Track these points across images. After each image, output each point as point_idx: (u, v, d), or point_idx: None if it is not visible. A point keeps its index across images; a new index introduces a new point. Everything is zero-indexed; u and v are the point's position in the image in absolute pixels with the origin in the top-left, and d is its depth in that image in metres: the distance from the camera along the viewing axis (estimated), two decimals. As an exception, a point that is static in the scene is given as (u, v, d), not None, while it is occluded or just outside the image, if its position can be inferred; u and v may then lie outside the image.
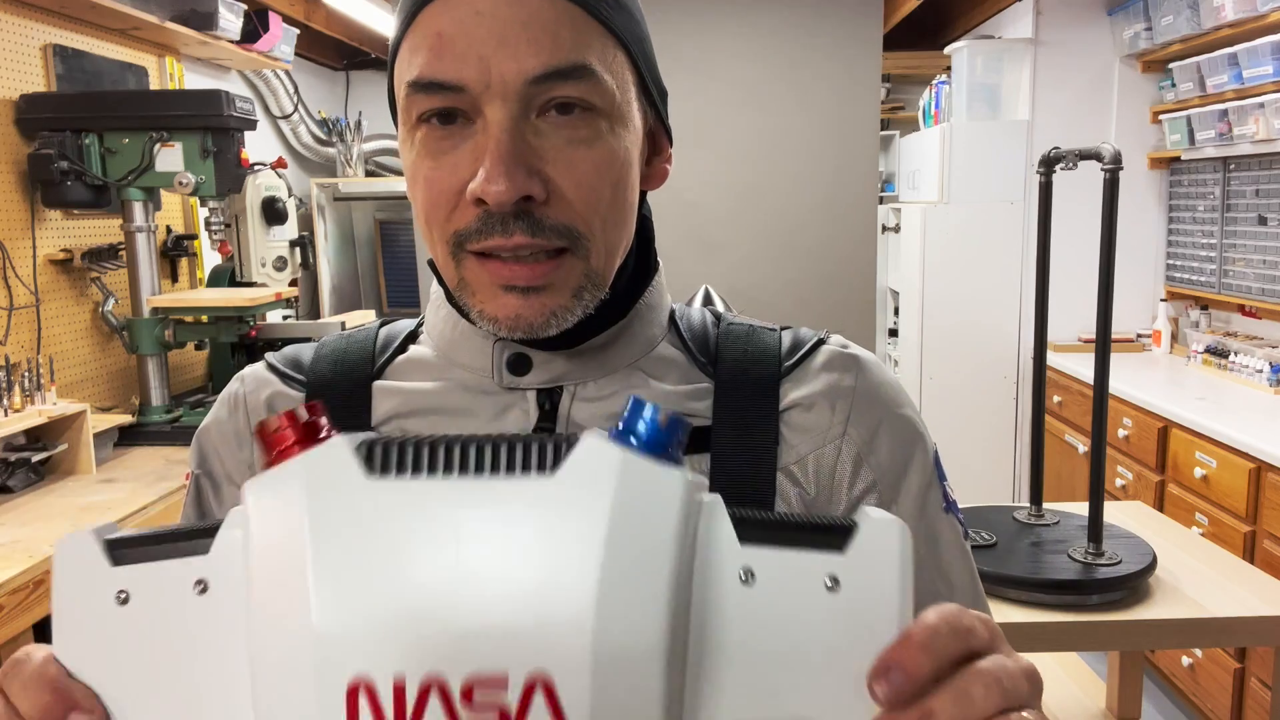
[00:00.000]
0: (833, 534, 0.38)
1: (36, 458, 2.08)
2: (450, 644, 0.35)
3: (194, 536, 0.40)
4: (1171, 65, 3.53)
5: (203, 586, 0.39)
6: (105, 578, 0.40)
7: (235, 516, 0.39)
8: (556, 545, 0.36)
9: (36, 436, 2.14)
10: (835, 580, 0.37)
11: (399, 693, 0.35)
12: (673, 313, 0.69)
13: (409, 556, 0.36)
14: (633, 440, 0.38)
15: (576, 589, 0.36)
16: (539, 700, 0.35)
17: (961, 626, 0.38)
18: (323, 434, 0.40)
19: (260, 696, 0.37)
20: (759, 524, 0.38)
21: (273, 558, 0.37)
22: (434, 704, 0.35)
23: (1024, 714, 0.37)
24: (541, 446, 0.38)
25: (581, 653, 0.35)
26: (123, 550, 0.40)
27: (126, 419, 2.43)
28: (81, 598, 0.40)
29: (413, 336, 0.70)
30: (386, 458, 0.38)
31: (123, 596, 0.39)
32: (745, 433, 0.62)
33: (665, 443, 0.38)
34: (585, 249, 0.57)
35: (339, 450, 0.38)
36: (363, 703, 0.35)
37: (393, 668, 0.35)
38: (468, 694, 0.35)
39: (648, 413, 0.39)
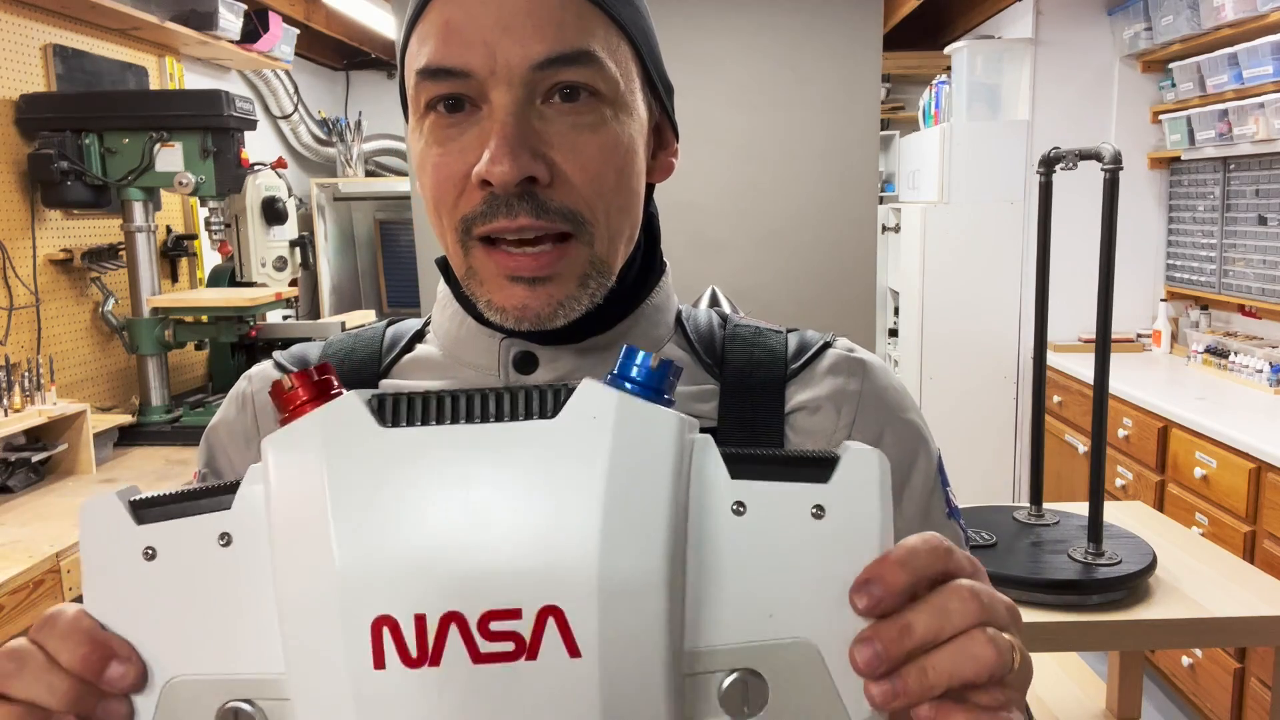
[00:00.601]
0: (817, 466, 0.41)
1: (36, 458, 2.08)
2: (466, 583, 0.38)
3: (216, 494, 0.42)
4: (1171, 65, 3.53)
5: (227, 539, 0.41)
6: (131, 536, 0.41)
7: (255, 473, 0.41)
8: (560, 485, 0.39)
9: (36, 436, 2.14)
10: (821, 508, 0.40)
11: (420, 627, 0.38)
12: (679, 313, 0.69)
13: (423, 501, 0.38)
14: (627, 385, 0.40)
15: (581, 526, 0.38)
16: (551, 629, 0.38)
17: (940, 548, 0.40)
18: (334, 391, 0.41)
19: (289, 637, 0.39)
20: (748, 459, 0.41)
21: (294, 507, 0.39)
22: (453, 636, 0.38)
23: (1002, 633, 0.39)
24: (542, 393, 0.40)
25: (588, 586, 0.38)
26: (146, 510, 0.42)
27: (126, 419, 2.43)
28: (109, 556, 0.41)
29: (419, 336, 0.70)
30: (397, 409, 0.40)
31: (150, 553, 0.41)
32: (750, 435, 0.62)
33: (658, 385, 0.41)
34: (589, 234, 0.58)
35: (351, 404, 0.40)
36: (386, 637, 0.38)
37: (413, 606, 0.38)
38: (484, 626, 0.38)
39: (639, 358, 0.41)
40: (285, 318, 3.20)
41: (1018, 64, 3.92)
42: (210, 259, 3.24)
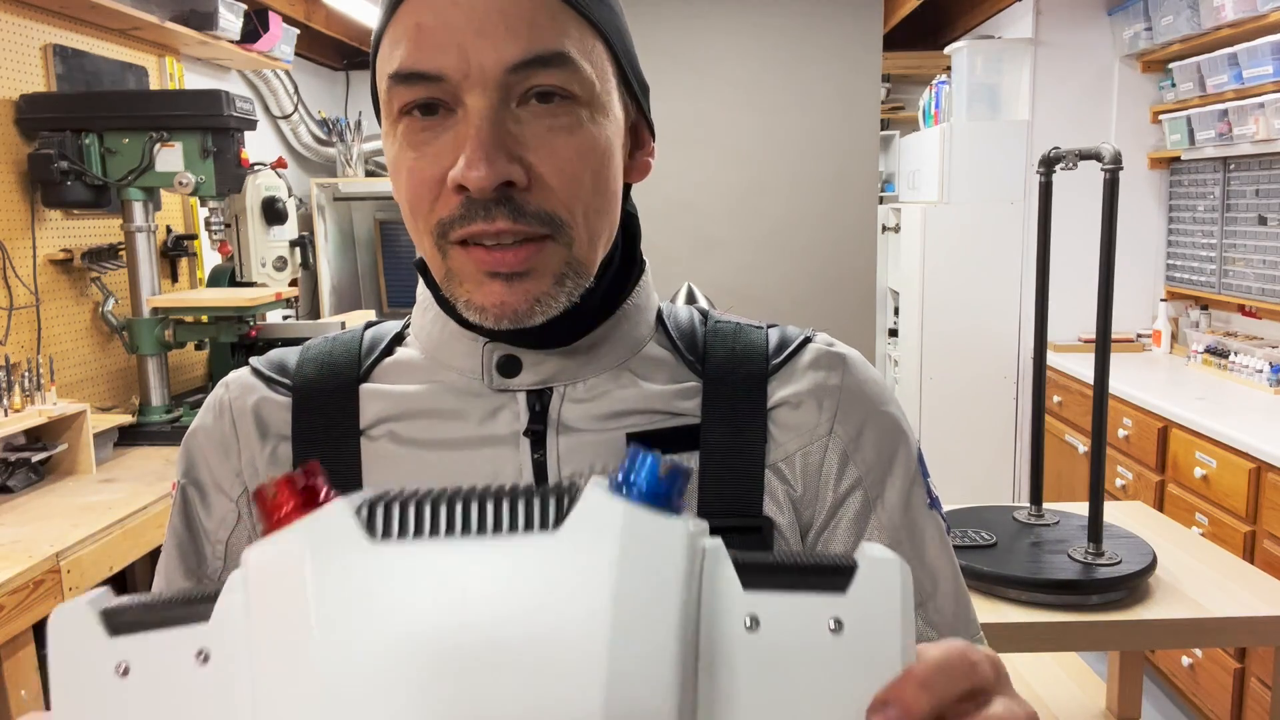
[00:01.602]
0: (834, 575, 0.38)
1: (36, 458, 2.08)
2: (460, 706, 0.36)
3: (193, 603, 0.39)
4: (1171, 65, 3.53)
5: (204, 656, 0.38)
6: (104, 649, 0.39)
7: (235, 581, 0.39)
8: (563, 605, 0.36)
9: (36, 436, 2.14)
10: (839, 622, 0.38)
11: None
12: (660, 311, 0.69)
13: (415, 619, 0.36)
14: (633, 491, 0.38)
15: (585, 650, 0.36)
16: None
17: (965, 663, 0.38)
18: (321, 497, 0.39)
19: None
20: (761, 568, 0.39)
21: (276, 626, 0.37)
22: None
23: None
24: (544, 501, 0.38)
25: (592, 717, 0.35)
26: (120, 620, 0.39)
27: (126, 419, 2.43)
28: (80, 670, 0.39)
29: (399, 339, 0.70)
30: (388, 521, 0.38)
31: (123, 668, 0.39)
32: (734, 431, 0.63)
33: (666, 493, 0.38)
34: (568, 236, 0.58)
35: (339, 515, 0.38)
36: None
37: None
38: None
39: (648, 463, 0.38)
40: (285, 318, 3.20)
41: (1018, 64, 3.92)
42: (210, 259, 3.24)
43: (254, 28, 3.10)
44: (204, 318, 2.65)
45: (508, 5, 0.55)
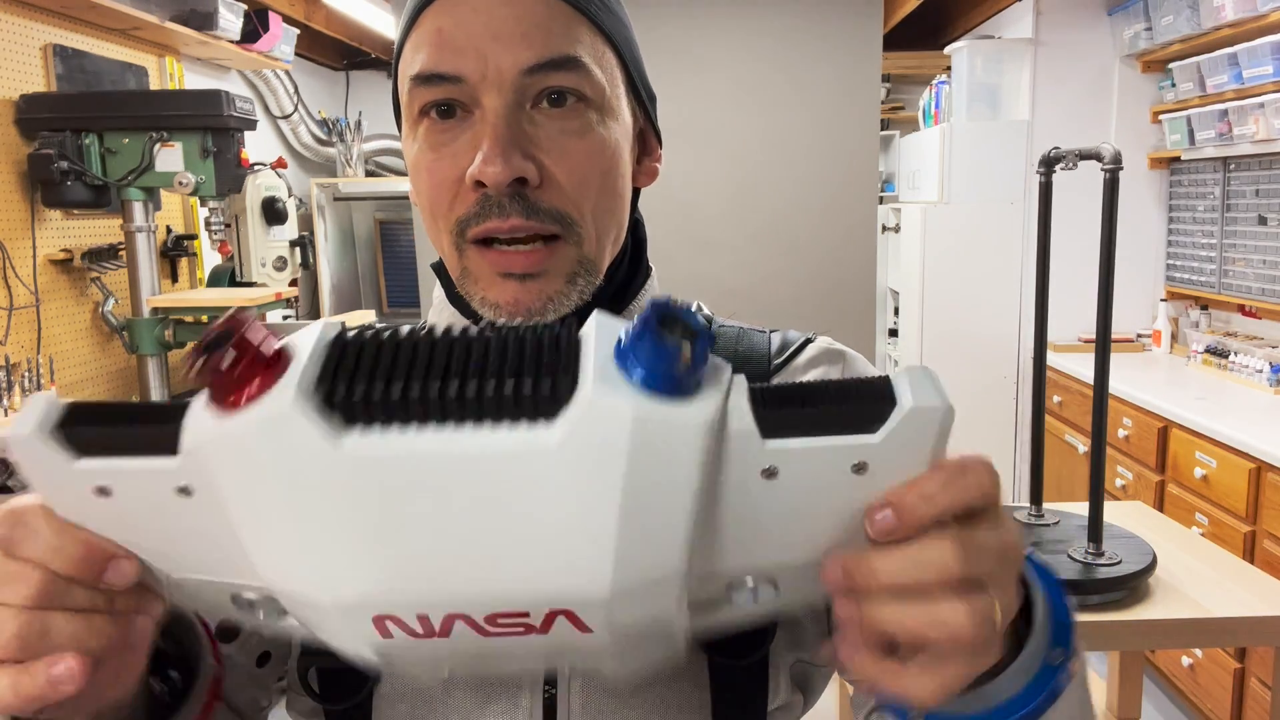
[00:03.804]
0: (865, 413, 0.35)
1: (36, 458, 2.08)
2: (468, 599, 0.36)
3: (152, 422, 0.36)
4: (1171, 65, 3.53)
5: (186, 490, 0.36)
6: (74, 473, 0.36)
7: (199, 418, 0.35)
8: (568, 510, 0.34)
9: None
10: (862, 465, 0.36)
11: (425, 621, 0.36)
12: None
13: (410, 517, 0.34)
14: (644, 377, 0.33)
15: (592, 557, 0.35)
16: (561, 621, 0.36)
17: (970, 480, 0.37)
18: (272, 359, 0.34)
19: (286, 602, 0.38)
20: (783, 415, 0.35)
21: (263, 523, 0.35)
22: (459, 625, 0.36)
23: (979, 597, 0.37)
24: (536, 384, 0.33)
25: (600, 597, 0.35)
26: (81, 439, 0.36)
27: (126, 419, 2.43)
28: (60, 490, 0.38)
29: None
30: (350, 403, 0.34)
31: (102, 489, 0.37)
32: None
33: (682, 378, 0.34)
34: (577, 235, 0.60)
35: (301, 405, 0.33)
36: (390, 625, 0.36)
37: (414, 611, 0.36)
38: (491, 620, 0.37)
39: (664, 353, 0.33)
40: (285, 318, 3.20)
41: (1018, 64, 3.92)
42: (210, 259, 3.24)
43: (254, 28, 3.10)
44: (204, 318, 2.65)
45: (523, 13, 0.57)
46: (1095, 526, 1.69)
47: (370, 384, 0.34)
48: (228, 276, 3.06)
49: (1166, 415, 2.88)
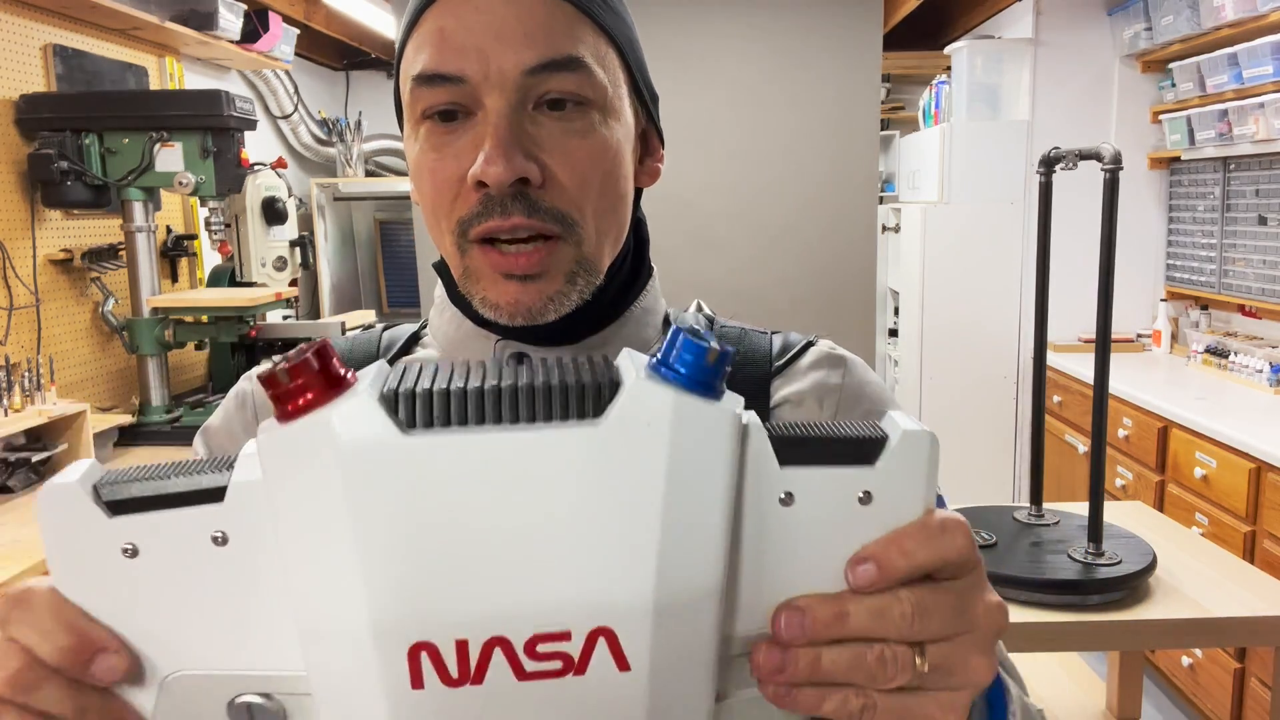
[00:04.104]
0: (865, 447, 0.39)
1: (36, 458, 2.08)
2: (512, 610, 0.36)
3: (197, 473, 0.37)
4: (1171, 65, 3.53)
5: (222, 538, 0.36)
6: (105, 531, 0.36)
7: (249, 462, 0.37)
8: (614, 504, 0.36)
9: (36, 436, 2.14)
10: (868, 494, 0.39)
11: (462, 652, 0.36)
12: (667, 316, 0.72)
13: (460, 523, 0.35)
14: (679, 376, 0.37)
15: (638, 548, 0.36)
16: (601, 647, 0.36)
17: (949, 537, 0.39)
18: (340, 376, 0.36)
19: (311, 653, 0.36)
20: (796, 442, 0.39)
21: (311, 532, 0.35)
22: (497, 658, 0.36)
23: (938, 647, 0.39)
24: (582, 388, 0.36)
25: (644, 608, 0.36)
26: (120, 498, 0.36)
27: (126, 419, 2.43)
28: (81, 551, 0.36)
29: (415, 338, 0.73)
30: (414, 409, 0.35)
31: (130, 549, 0.36)
32: None
33: (711, 378, 0.37)
34: (577, 235, 0.60)
35: (364, 407, 0.35)
36: (425, 661, 0.35)
37: (453, 633, 0.35)
38: (530, 648, 0.36)
39: (694, 350, 0.37)
40: (285, 318, 3.20)
41: (1018, 64, 3.92)
42: (210, 259, 3.24)
43: (254, 28, 3.10)
44: (204, 318, 2.65)
45: (525, 13, 0.57)
46: (1095, 526, 1.69)
47: (431, 392, 0.35)
48: (228, 276, 3.06)
49: (1166, 415, 2.88)
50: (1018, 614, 1.58)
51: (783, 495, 0.38)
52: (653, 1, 2.96)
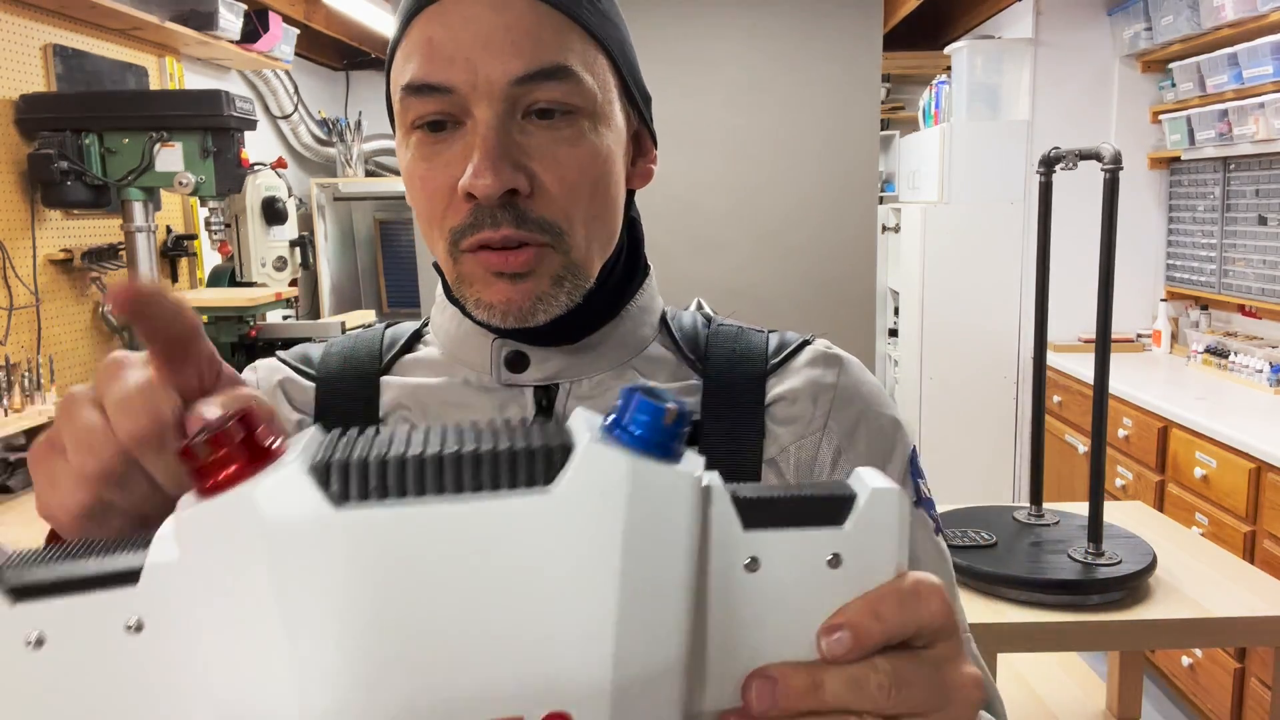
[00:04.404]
0: (833, 507, 0.37)
1: (36, 458, 2.08)
2: (459, 698, 0.33)
3: (110, 553, 0.34)
4: (1171, 65, 3.53)
5: (136, 625, 0.33)
6: (6, 619, 0.33)
7: (165, 542, 0.34)
8: (566, 578, 0.33)
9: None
10: (837, 557, 0.37)
11: None
12: (664, 314, 0.72)
13: (399, 604, 0.32)
14: (634, 439, 0.34)
15: (595, 628, 0.33)
16: None
17: (924, 602, 0.37)
18: (267, 446, 0.33)
19: None
20: (761, 504, 0.37)
21: (234, 618, 0.32)
22: None
23: None
24: (531, 454, 0.33)
25: (602, 689, 0.34)
26: (22, 584, 0.33)
27: (126, 419, 2.43)
28: None
29: (418, 336, 0.73)
30: (347, 480, 0.32)
31: (35, 639, 0.33)
32: (733, 427, 0.65)
33: (669, 440, 0.35)
34: (566, 243, 0.60)
35: (293, 478, 0.32)
36: None
37: None
38: None
39: (650, 410, 0.34)
40: (285, 318, 3.20)
41: (1018, 64, 3.92)
42: (210, 259, 3.24)
43: (254, 28, 3.10)
44: (204, 318, 2.65)
45: (513, 21, 0.57)
46: (1095, 526, 1.69)
47: (366, 461, 0.33)
48: (228, 276, 3.06)
49: (1166, 415, 2.88)
50: (1018, 614, 1.58)
51: (748, 560, 0.36)
52: (653, 2, 2.96)
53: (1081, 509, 1.81)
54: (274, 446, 0.34)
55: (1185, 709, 2.86)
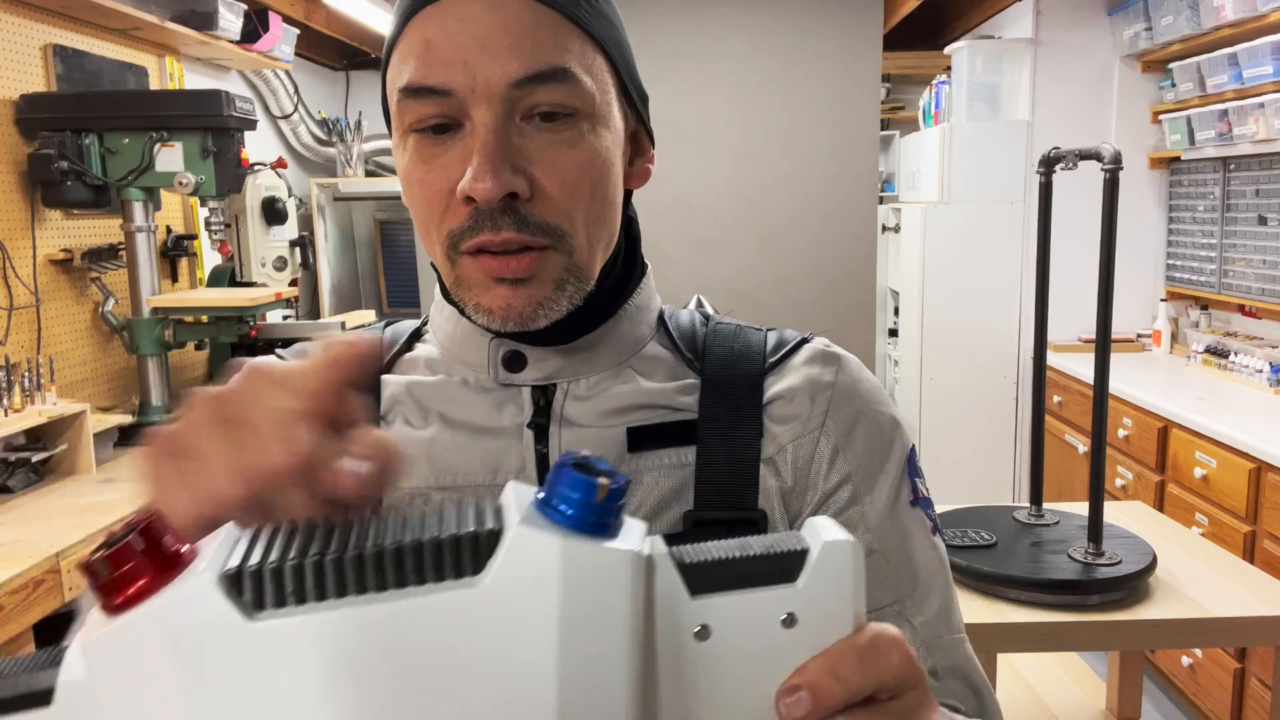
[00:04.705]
0: (784, 564, 0.35)
1: (36, 458, 2.08)
2: None
3: (26, 672, 0.33)
4: (1171, 65, 3.53)
5: None
6: None
7: (75, 664, 0.32)
8: (501, 673, 0.32)
9: (36, 436, 2.14)
10: (791, 616, 0.35)
11: None
12: (662, 313, 0.72)
13: (323, 715, 0.30)
14: (567, 518, 0.33)
15: (535, 718, 0.32)
16: None
17: (884, 656, 0.36)
18: (172, 554, 0.32)
19: None
20: (706, 568, 0.35)
21: None
22: None
23: None
24: (456, 544, 0.31)
25: None
26: None
27: (126, 419, 2.43)
28: None
29: (417, 334, 0.73)
30: (267, 588, 0.31)
31: None
32: (730, 426, 0.65)
33: (605, 517, 0.33)
34: (568, 245, 0.60)
35: (203, 589, 0.30)
36: None
37: None
38: None
39: (582, 486, 0.33)
40: (285, 318, 3.20)
41: (1018, 64, 3.92)
42: (210, 259, 3.24)
43: (254, 28, 3.10)
44: (204, 318, 2.65)
45: (511, 22, 0.56)
46: (1095, 526, 1.69)
47: (280, 566, 0.31)
48: (228, 276, 3.06)
49: (1166, 415, 2.88)
50: (1018, 614, 1.58)
51: (698, 629, 0.34)
52: (654, 2, 2.96)
53: (1081, 509, 1.81)
54: (183, 552, 0.32)
55: (1185, 709, 2.86)
